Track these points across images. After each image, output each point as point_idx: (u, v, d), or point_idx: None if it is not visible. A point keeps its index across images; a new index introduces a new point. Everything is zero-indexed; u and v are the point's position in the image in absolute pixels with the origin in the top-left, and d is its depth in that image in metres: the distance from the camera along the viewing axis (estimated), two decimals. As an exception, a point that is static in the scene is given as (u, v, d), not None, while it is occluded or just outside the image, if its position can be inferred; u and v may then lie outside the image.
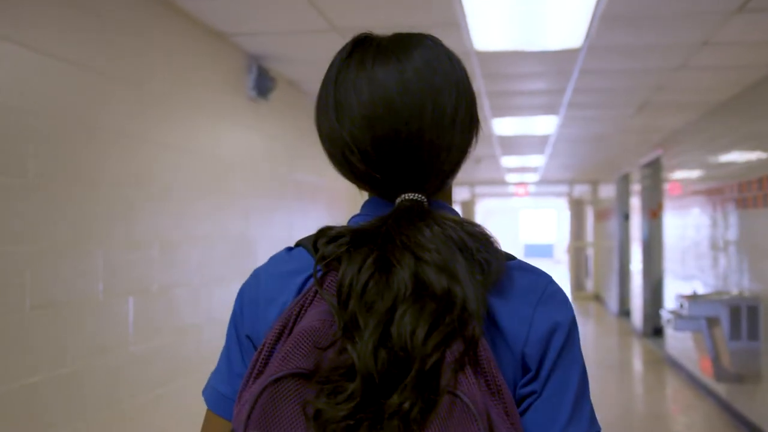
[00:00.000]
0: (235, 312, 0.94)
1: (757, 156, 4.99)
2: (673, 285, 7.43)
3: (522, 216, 28.34)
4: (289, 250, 0.94)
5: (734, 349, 4.80)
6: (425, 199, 0.87)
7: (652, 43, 4.00)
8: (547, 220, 28.12)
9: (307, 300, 0.83)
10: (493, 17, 3.52)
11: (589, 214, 15.37)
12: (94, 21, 2.72)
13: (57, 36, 2.51)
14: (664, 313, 5.79)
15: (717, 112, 5.97)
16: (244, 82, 4.12)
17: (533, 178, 13.89)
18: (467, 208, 16.48)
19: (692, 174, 6.74)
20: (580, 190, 16.17)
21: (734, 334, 4.79)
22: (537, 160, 10.50)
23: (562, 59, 4.32)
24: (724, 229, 5.62)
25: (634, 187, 9.89)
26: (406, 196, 0.87)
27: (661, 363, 7.82)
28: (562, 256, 22.66)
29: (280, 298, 0.89)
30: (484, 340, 0.78)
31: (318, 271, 0.83)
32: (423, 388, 0.73)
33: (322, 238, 0.86)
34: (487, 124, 6.67)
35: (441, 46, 0.92)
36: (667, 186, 7.81)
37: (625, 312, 11.13)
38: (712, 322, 5.07)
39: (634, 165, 9.75)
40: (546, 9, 3.46)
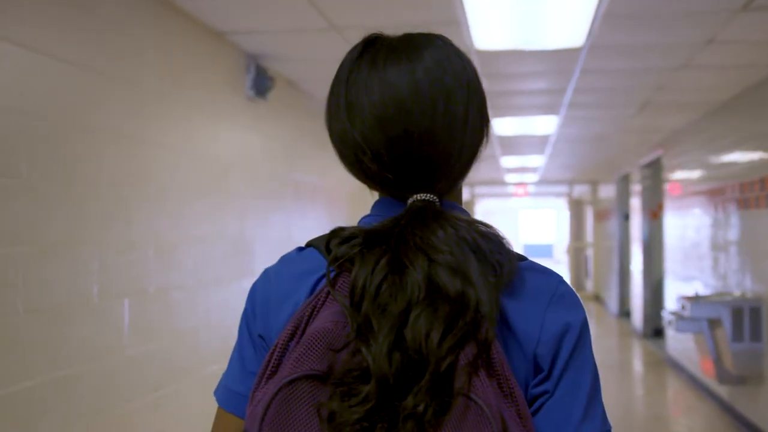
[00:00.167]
0: (247, 311, 0.94)
1: (759, 156, 4.96)
2: (674, 286, 7.41)
3: (521, 216, 28.34)
4: (300, 250, 0.94)
5: (736, 351, 4.77)
6: (437, 200, 0.88)
7: (655, 42, 3.96)
8: (547, 220, 28.12)
9: (320, 301, 0.84)
10: (494, 16, 3.49)
11: (589, 214, 15.35)
12: (91, 20, 2.68)
13: (52, 35, 2.47)
14: (666, 315, 5.76)
15: (718, 112, 5.94)
16: (242, 81, 4.08)
17: (533, 178, 13.87)
18: (466, 208, 16.40)
19: (693, 174, 6.72)
20: (580, 191, 16.15)
21: (736, 335, 4.76)
22: (537, 161, 10.48)
23: (563, 58, 4.28)
24: (726, 230, 5.59)
25: (635, 187, 9.87)
26: (418, 197, 0.87)
27: (662, 364, 7.79)
28: (562, 257, 22.64)
29: (292, 299, 0.90)
30: (496, 342, 0.78)
31: (330, 272, 0.84)
32: (437, 390, 0.74)
33: (334, 239, 0.86)
34: (487, 124, 6.63)
35: (451, 46, 0.92)
36: (667, 186, 7.79)
37: (625, 312, 11.10)
38: (714, 323, 5.03)
39: (634, 165, 9.73)
40: (547, 8, 3.42)
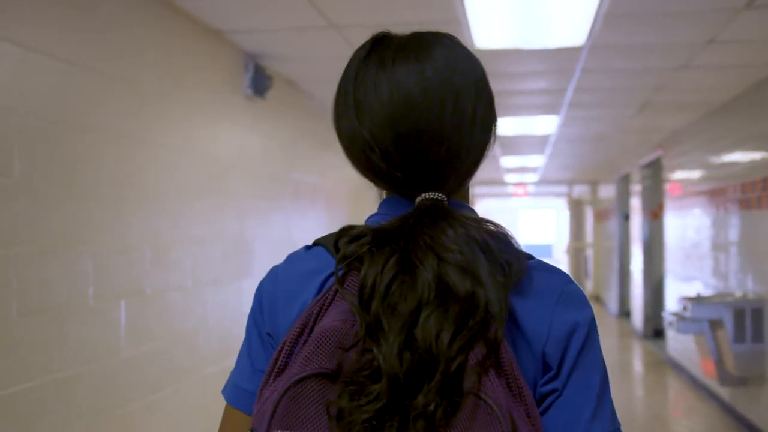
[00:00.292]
0: (254, 309, 0.94)
1: (761, 156, 4.94)
2: (675, 286, 7.38)
3: (521, 216, 28.31)
4: (308, 248, 0.94)
5: (738, 352, 4.74)
6: (445, 199, 0.87)
7: (656, 42, 3.94)
8: (546, 220, 28.10)
9: (328, 299, 0.84)
10: (495, 15, 3.46)
11: (589, 214, 15.33)
12: (89, 19, 2.65)
13: (51, 34, 2.44)
14: (667, 315, 5.73)
15: (719, 112, 5.92)
16: (241, 80, 4.04)
17: (533, 178, 13.84)
18: (466, 208, 16.39)
19: (694, 174, 6.69)
20: (580, 191, 16.13)
21: (738, 336, 4.73)
22: (537, 161, 10.45)
23: (564, 58, 4.25)
24: (727, 231, 5.57)
25: (635, 187, 9.85)
26: (426, 195, 0.87)
27: (662, 365, 7.76)
28: (562, 257, 22.63)
29: (300, 297, 0.90)
30: (505, 342, 0.78)
31: (339, 271, 0.84)
32: (447, 390, 0.74)
33: (343, 237, 0.86)
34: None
35: (460, 45, 0.92)
36: (668, 186, 7.77)
37: (625, 313, 11.08)
38: (715, 324, 5.01)
39: (634, 165, 9.71)
40: (548, 7, 3.39)
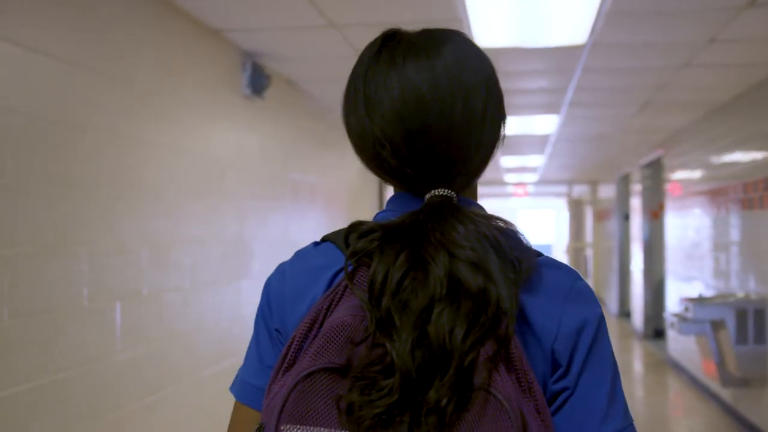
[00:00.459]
0: (262, 306, 0.95)
1: (762, 156, 4.91)
2: (675, 286, 7.36)
3: (520, 216, 28.29)
4: (316, 244, 0.95)
5: (740, 353, 4.71)
6: (455, 195, 0.88)
7: (658, 40, 3.90)
8: (546, 220, 28.07)
9: (337, 295, 0.84)
10: (496, 13, 3.43)
11: (589, 214, 15.30)
12: (82, 16, 2.61)
13: (47, 34, 2.40)
14: (668, 316, 5.70)
15: (720, 111, 5.89)
16: (239, 79, 4.01)
17: (532, 178, 13.81)
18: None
19: (695, 174, 6.66)
20: (579, 191, 16.10)
21: (740, 337, 4.69)
22: (536, 160, 10.42)
23: (565, 56, 4.22)
24: (729, 231, 5.54)
25: (635, 187, 9.82)
26: (435, 192, 0.87)
27: (663, 365, 7.73)
28: (561, 257, 22.60)
29: (309, 293, 0.90)
30: (516, 338, 0.79)
31: (348, 266, 0.84)
32: (459, 385, 0.74)
33: (353, 233, 0.86)
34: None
35: (470, 43, 0.92)
36: (668, 186, 7.74)
37: (625, 313, 11.05)
38: (717, 325, 4.97)
39: (634, 165, 9.68)
40: (550, 5, 3.36)
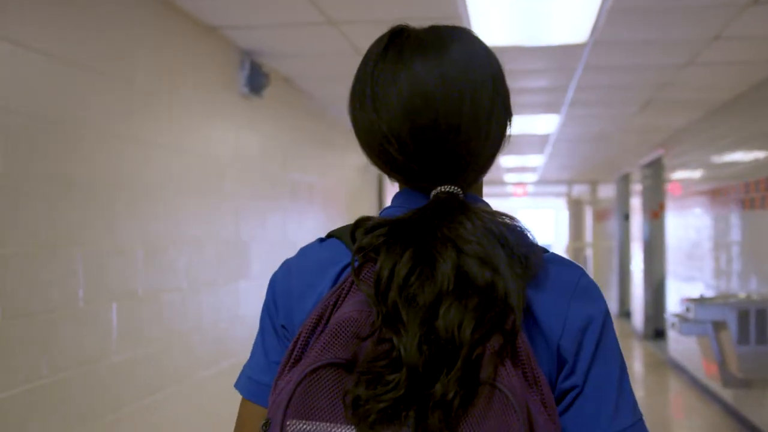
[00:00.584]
0: (268, 302, 0.95)
1: (764, 155, 4.88)
2: (676, 286, 7.33)
3: (520, 216, 28.27)
4: (322, 240, 0.95)
5: (742, 354, 4.67)
6: (461, 192, 0.88)
7: (661, 38, 3.87)
8: (545, 220, 28.06)
9: (344, 290, 0.84)
10: (497, 11, 3.39)
11: (588, 214, 15.27)
12: (77, 14, 2.58)
13: (42, 32, 2.37)
14: (669, 317, 5.67)
15: (721, 110, 5.86)
16: (237, 78, 3.97)
17: (532, 178, 13.78)
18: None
19: (696, 174, 6.63)
20: (579, 190, 16.07)
21: (742, 338, 4.66)
22: (536, 160, 10.38)
23: (566, 55, 4.19)
24: (730, 231, 5.51)
25: (635, 187, 9.79)
26: (442, 189, 0.87)
27: (663, 366, 7.71)
28: (560, 257, 22.56)
29: (316, 289, 0.90)
30: (522, 333, 0.79)
31: (355, 262, 0.84)
32: (465, 379, 0.74)
33: (360, 229, 0.86)
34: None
35: (477, 40, 0.93)
36: (669, 186, 7.71)
37: (625, 313, 11.02)
38: (718, 325, 4.94)
39: (634, 165, 9.65)
40: (551, 2, 3.33)
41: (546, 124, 6.84)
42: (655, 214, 9.09)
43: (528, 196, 18.18)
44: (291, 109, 4.90)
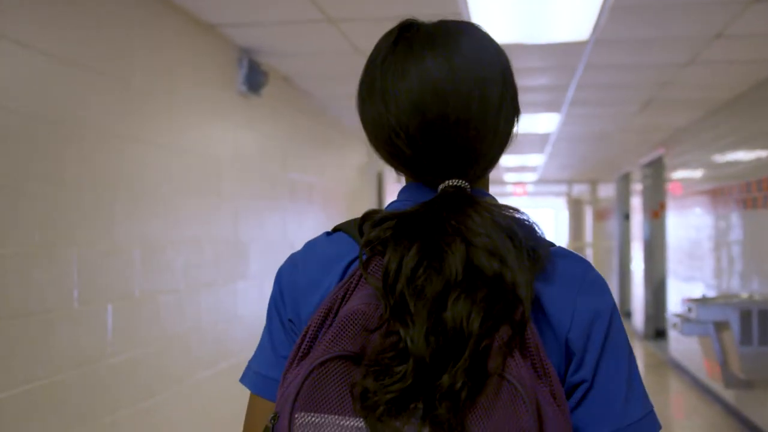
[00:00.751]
0: (275, 297, 0.95)
1: (765, 154, 4.85)
2: (676, 286, 7.30)
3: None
4: (328, 234, 0.95)
5: (744, 354, 4.64)
6: (468, 186, 0.88)
7: (663, 36, 3.84)
8: (545, 220, 28.08)
9: (352, 284, 0.84)
10: (497, 8, 3.36)
11: (588, 213, 15.25)
12: (73, 11, 2.54)
13: (37, 30, 2.34)
14: (671, 317, 5.64)
15: (722, 110, 5.83)
16: (235, 76, 3.94)
17: (532, 177, 13.75)
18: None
19: (697, 173, 6.60)
20: (579, 190, 16.05)
21: (745, 338, 4.63)
22: (536, 159, 10.35)
23: (567, 53, 4.16)
24: (732, 231, 5.48)
25: (635, 186, 9.77)
26: (449, 182, 0.87)
27: (664, 366, 7.69)
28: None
29: (323, 283, 0.90)
30: (531, 324, 0.79)
31: (363, 255, 0.84)
32: (473, 370, 0.74)
33: (367, 222, 0.86)
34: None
35: (487, 36, 0.93)
36: (669, 185, 7.68)
37: (626, 313, 10.99)
38: (721, 326, 4.91)
39: (634, 164, 9.63)
40: (553, 0, 3.30)
41: (546, 123, 6.81)
42: (656, 214, 9.07)
43: (528, 196, 18.15)
44: (290, 108, 4.87)
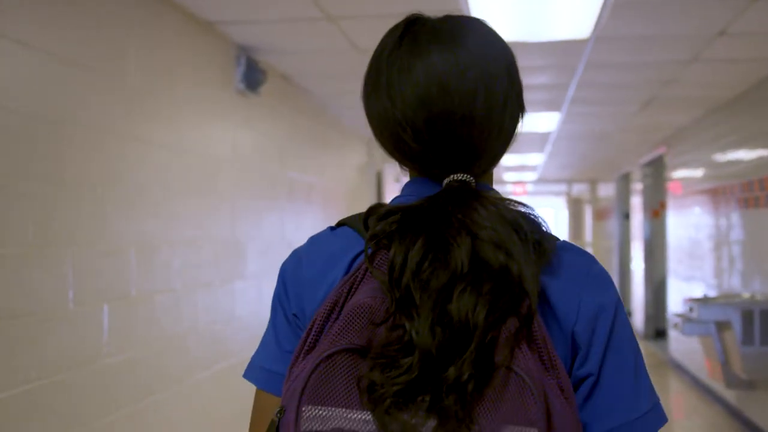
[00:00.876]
0: (279, 292, 0.95)
1: (766, 153, 4.82)
2: (677, 286, 7.28)
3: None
4: (332, 229, 0.95)
5: (746, 354, 4.62)
6: (473, 180, 0.88)
7: (665, 34, 3.81)
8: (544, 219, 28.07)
9: (357, 278, 0.84)
10: (497, 5, 3.34)
11: (588, 213, 15.23)
12: (73, 11, 2.52)
13: (31, 26, 2.31)
14: (671, 317, 5.62)
15: (723, 109, 5.81)
16: (233, 74, 3.91)
17: (531, 176, 13.73)
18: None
19: (697, 173, 6.58)
20: (579, 189, 16.03)
21: (746, 338, 4.60)
22: (536, 159, 10.32)
23: (568, 51, 4.13)
24: (733, 230, 5.46)
25: (635, 186, 9.74)
26: (454, 177, 0.88)
27: (664, 366, 7.67)
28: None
29: (328, 277, 0.90)
30: (538, 317, 0.80)
31: (368, 249, 0.84)
32: (480, 362, 0.74)
33: (372, 216, 0.86)
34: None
35: (493, 32, 0.93)
36: (670, 185, 7.66)
37: (626, 313, 10.98)
38: (722, 326, 4.88)
39: (634, 164, 9.61)
40: (553, -3, 3.27)
41: (546, 121, 6.78)
42: (656, 213, 9.04)
43: (527, 195, 18.15)
44: (289, 107, 4.84)
